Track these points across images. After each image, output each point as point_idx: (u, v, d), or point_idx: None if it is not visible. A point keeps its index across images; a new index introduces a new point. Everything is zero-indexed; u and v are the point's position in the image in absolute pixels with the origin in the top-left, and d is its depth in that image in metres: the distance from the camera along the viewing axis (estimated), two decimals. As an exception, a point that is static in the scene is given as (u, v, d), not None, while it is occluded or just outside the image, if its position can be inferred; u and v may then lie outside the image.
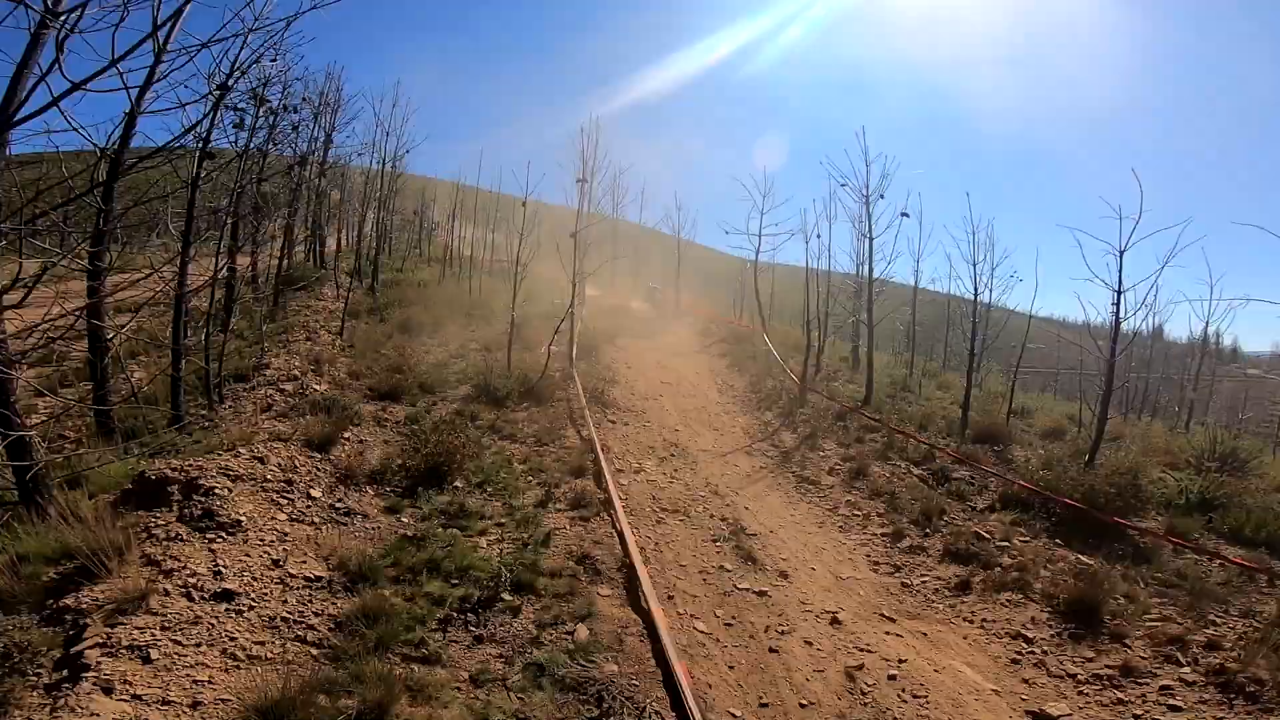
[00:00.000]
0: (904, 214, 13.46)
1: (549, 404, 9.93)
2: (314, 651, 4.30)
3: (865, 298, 13.30)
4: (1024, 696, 4.83)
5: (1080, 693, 4.86)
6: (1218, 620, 5.60)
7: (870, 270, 13.36)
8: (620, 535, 6.30)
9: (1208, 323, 15.64)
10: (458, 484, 7.10)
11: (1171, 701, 4.65)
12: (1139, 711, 4.62)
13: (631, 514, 6.90)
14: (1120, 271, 9.39)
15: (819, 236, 16.65)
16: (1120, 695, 4.79)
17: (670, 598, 5.63)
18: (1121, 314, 9.59)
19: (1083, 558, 6.70)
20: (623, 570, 5.82)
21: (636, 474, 8.06)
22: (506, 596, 5.13)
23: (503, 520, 6.51)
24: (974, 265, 12.11)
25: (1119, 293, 9.46)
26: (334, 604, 4.81)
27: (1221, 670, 4.86)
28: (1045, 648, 5.38)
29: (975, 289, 12.09)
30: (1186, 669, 4.97)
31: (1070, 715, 4.59)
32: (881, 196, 12.94)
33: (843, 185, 13.29)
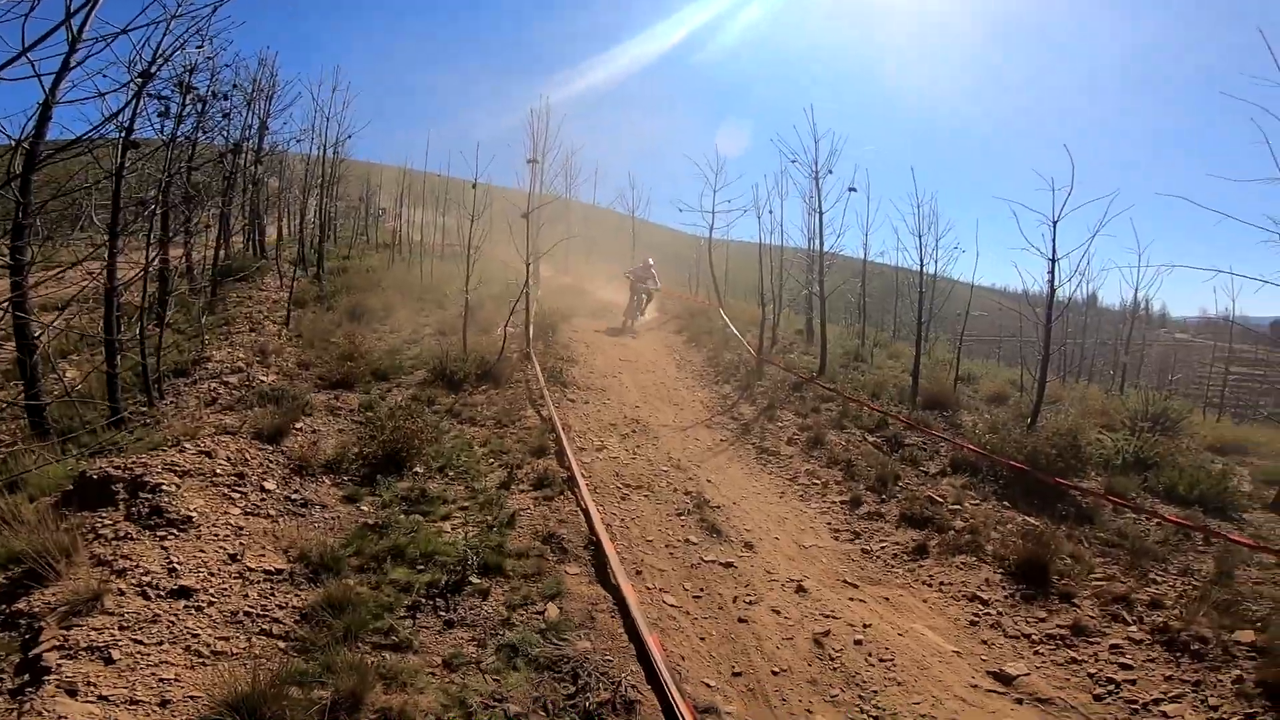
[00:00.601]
0: (851, 189, 13.66)
1: (507, 385, 9.82)
2: (281, 644, 4.21)
3: (817, 271, 13.50)
4: (984, 657, 5.01)
5: (1036, 652, 5.06)
6: (1158, 578, 5.85)
7: (821, 244, 13.57)
8: (585, 513, 6.30)
9: (1137, 289, 16.50)
10: (417, 469, 7.00)
11: (1122, 660, 4.86)
12: (1093, 670, 4.81)
13: (595, 491, 6.91)
14: (1054, 241, 9.81)
15: (771, 212, 16.75)
16: (1073, 654, 4.99)
17: (638, 573, 5.68)
18: (1056, 282, 10.04)
19: (1029, 519, 6.94)
20: (589, 548, 5.83)
21: (599, 451, 8.07)
22: (474, 580, 5.11)
23: (466, 504, 6.45)
24: (919, 238, 12.47)
25: (1053, 261, 9.88)
26: (298, 596, 4.71)
27: (1166, 628, 5.06)
28: (1000, 609, 5.59)
29: (921, 261, 12.46)
30: (1133, 627, 5.18)
31: (1028, 674, 4.76)
32: (830, 172, 13.08)
33: (793, 161, 13.39)
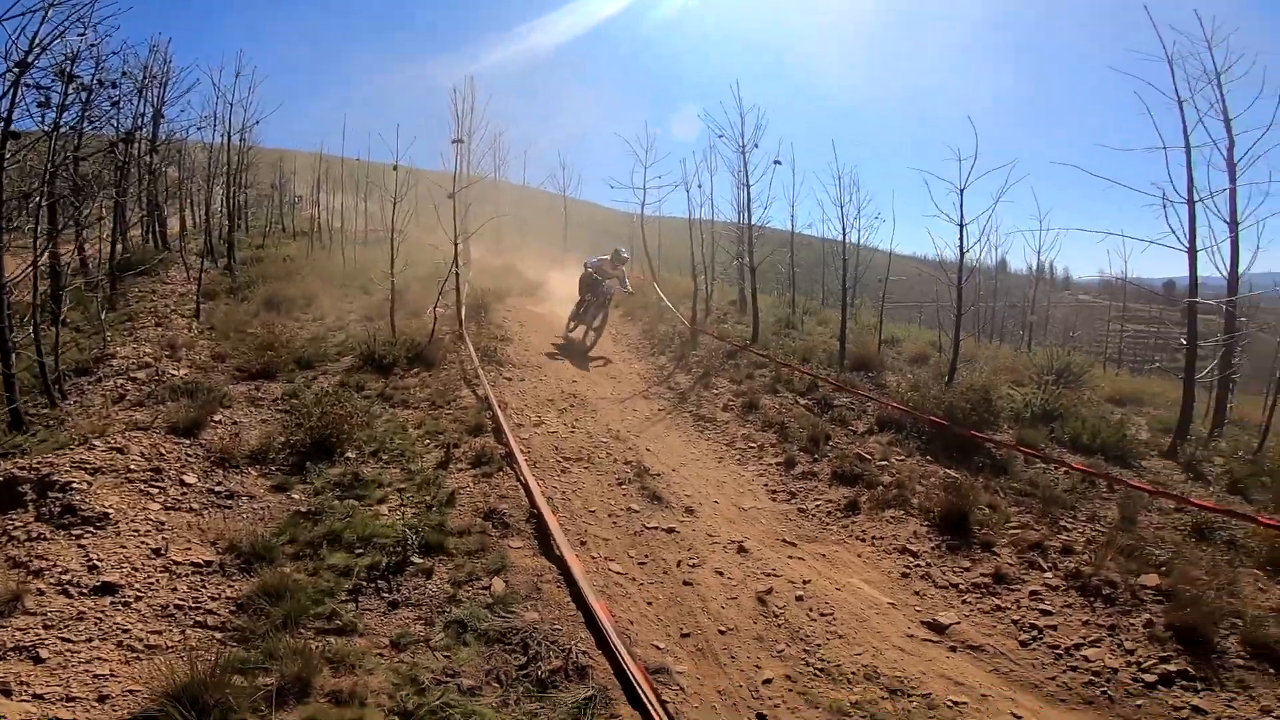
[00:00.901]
0: (776, 161, 13.97)
1: (440, 367, 9.61)
2: (218, 635, 4.10)
3: (746, 243, 13.75)
4: (917, 608, 5.27)
5: (964, 601, 5.33)
6: (1068, 525, 6.18)
7: (749, 216, 13.85)
8: (526, 487, 6.27)
9: (1039, 252, 17.52)
10: (349, 454, 6.81)
11: (1042, 606, 5.14)
12: (1016, 616, 5.08)
13: (535, 466, 6.88)
14: (961, 208, 10.54)
15: (700, 186, 16.91)
16: (998, 602, 5.26)
17: (583, 543, 5.71)
18: (965, 245, 10.69)
19: (950, 471, 7.29)
20: (531, 521, 5.82)
21: (537, 427, 8.02)
22: (416, 560, 5.04)
23: (402, 485, 6.33)
24: (841, 208, 12.94)
25: (961, 226, 10.56)
26: (230, 586, 4.56)
27: (1078, 574, 5.36)
28: (929, 560, 5.86)
29: (844, 230, 12.96)
30: (1049, 574, 5.48)
31: (959, 623, 5.04)
32: (756, 146, 13.39)
33: (720, 137, 13.61)
